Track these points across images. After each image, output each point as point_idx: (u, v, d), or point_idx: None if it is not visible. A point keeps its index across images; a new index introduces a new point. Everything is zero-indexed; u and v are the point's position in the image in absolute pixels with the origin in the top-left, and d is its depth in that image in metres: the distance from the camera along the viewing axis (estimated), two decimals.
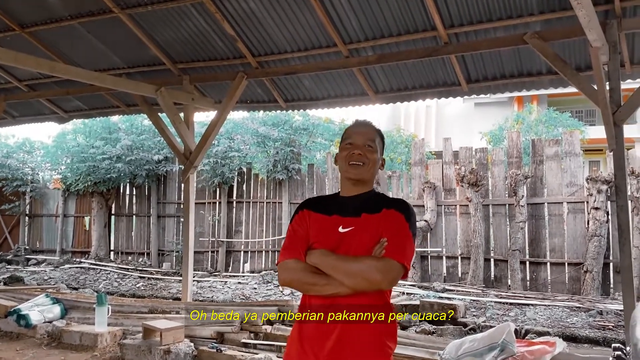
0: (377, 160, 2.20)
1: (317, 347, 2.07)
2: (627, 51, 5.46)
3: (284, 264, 2.14)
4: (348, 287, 2.02)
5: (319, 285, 2.06)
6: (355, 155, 2.16)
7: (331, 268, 2.05)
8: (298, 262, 2.12)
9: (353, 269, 2.02)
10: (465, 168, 9.77)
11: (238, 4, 5.97)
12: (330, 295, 2.05)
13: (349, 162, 2.17)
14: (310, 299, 2.13)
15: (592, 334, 6.67)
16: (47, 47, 7.48)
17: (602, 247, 8.58)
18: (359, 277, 2.01)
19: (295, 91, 7.40)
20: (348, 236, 2.11)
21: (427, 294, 8.58)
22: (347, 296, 2.04)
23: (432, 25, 5.67)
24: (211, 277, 11.12)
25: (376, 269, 2.00)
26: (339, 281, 2.03)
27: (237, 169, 12.14)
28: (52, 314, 6.40)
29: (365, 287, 2.03)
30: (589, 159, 18.44)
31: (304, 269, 2.09)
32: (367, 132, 2.22)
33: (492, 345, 4.29)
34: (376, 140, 2.22)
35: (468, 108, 23.77)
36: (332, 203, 2.24)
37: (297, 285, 2.15)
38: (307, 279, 2.08)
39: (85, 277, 11.46)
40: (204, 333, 5.64)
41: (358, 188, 2.21)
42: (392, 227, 2.08)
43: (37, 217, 14.69)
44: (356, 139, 2.19)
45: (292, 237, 2.19)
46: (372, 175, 2.21)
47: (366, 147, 2.18)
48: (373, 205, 2.16)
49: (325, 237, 2.13)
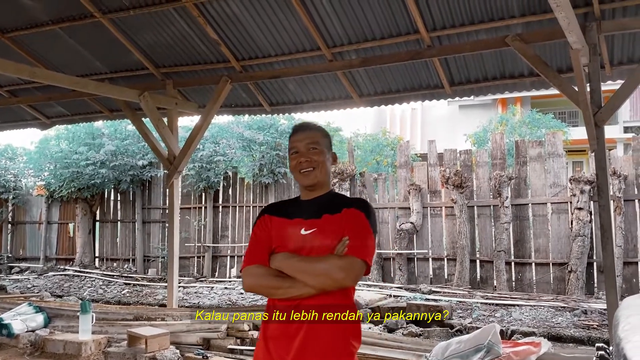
0: (325, 160, 2.23)
1: (282, 348, 2.09)
2: (606, 53, 5.54)
3: (247, 270, 2.15)
4: (312, 287, 2.04)
5: (283, 288, 2.07)
6: (303, 163, 2.20)
7: (294, 270, 2.07)
8: (261, 267, 2.13)
9: (316, 269, 2.04)
10: (450, 170, 9.83)
11: (221, 8, 5.95)
12: (294, 297, 2.07)
13: (299, 170, 2.21)
14: (275, 301, 2.15)
15: (576, 334, 6.73)
16: (28, 53, 7.39)
17: (585, 247, 8.67)
18: (322, 277, 2.03)
19: (280, 95, 7.39)
20: (310, 238, 2.13)
21: (414, 296, 8.60)
22: (311, 297, 2.05)
23: (415, 29, 5.70)
24: (197, 282, 11.05)
25: (339, 267, 2.02)
26: (302, 283, 2.05)
27: (222, 173, 12.09)
28: (35, 323, 6.30)
29: (329, 286, 2.05)
30: (572, 159, 18.65)
31: (267, 274, 2.11)
32: (308, 135, 2.24)
33: (478, 346, 4.30)
34: (320, 140, 2.25)
35: (453, 110, 23.93)
36: (293, 207, 2.27)
37: (261, 290, 2.19)
38: (270, 283, 2.09)
39: (70, 284, 11.32)
40: (190, 339, 5.59)
41: (316, 191, 2.24)
42: (353, 226, 2.11)
43: (20, 224, 14.50)
44: (299, 146, 2.22)
45: (254, 243, 2.21)
46: (325, 175, 2.25)
47: (311, 150, 2.21)
48: (333, 205, 2.19)
49: (288, 240, 2.15)
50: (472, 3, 5.30)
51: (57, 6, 6.41)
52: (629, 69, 5.63)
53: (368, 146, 16.99)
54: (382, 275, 10.31)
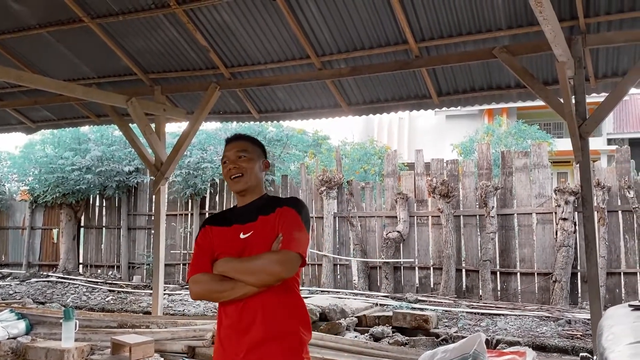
0: (254, 166, 2.34)
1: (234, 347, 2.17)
2: (591, 66, 5.62)
3: (192, 278, 2.24)
4: (253, 285, 2.14)
5: (227, 290, 2.17)
6: (231, 170, 2.32)
7: (235, 271, 2.17)
8: (205, 274, 2.23)
9: (254, 267, 2.14)
10: (436, 179, 9.89)
11: (211, 14, 5.96)
12: (240, 297, 2.16)
13: (230, 177, 2.33)
14: (225, 307, 2.23)
15: (561, 343, 6.78)
16: (14, 56, 7.32)
17: (570, 257, 8.76)
18: (260, 273, 2.13)
19: (268, 102, 7.39)
20: (249, 240, 2.24)
21: (400, 305, 8.61)
22: (255, 295, 2.15)
23: (403, 39, 5.75)
24: (183, 290, 10.96)
25: (274, 261, 2.13)
26: (243, 282, 2.14)
27: (209, 180, 12.03)
28: (17, 330, 6.20)
29: (268, 281, 2.14)
30: (557, 170, 18.87)
31: (211, 279, 2.21)
32: (236, 144, 2.36)
33: (463, 356, 4.30)
34: (249, 148, 2.36)
35: (440, 120, 24.13)
36: (231, 215, 2.38)
37: (207, 295, 2.28)
38: (215, 287, 2.20)
39: (53, 291, 11.18)
40: (175, 347, 5.54)
41: (249, 196, 2.35)
42: (286, 222, 2.22)
43: (3, 229, 14.30)
44: (229, 155, 2.35)
45: (198, 253, 2.31)
46: (256, 180, 2.35)
47: (239, 158, 2.32)
48: (267, 207, 2.30)
49: (229, 246, 2.25)
50: (459, 14, 5.36)
51: (45, 10, 6.36)
52: (613, 82, 5.72)
53: (356, 155, 17.04)
54: (369, 284, 10.31)
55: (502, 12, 5.24)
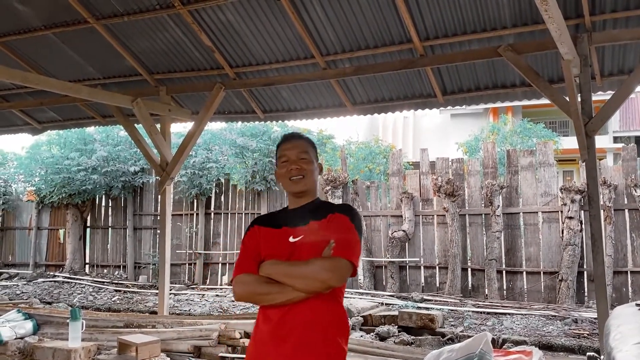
0: (314, 169, 2.31)
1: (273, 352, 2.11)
2: (597, 64, 5.60)
3: (237, 278, 2.20)
4: (301, 290, 2.08)
5: (272, 294, 2.11)
6: (293, 170, 2.27)
7: (282, 275, 2.11)
8: (250, 275, 2.18)
9: (303, 272, 2.08)
10: (442, 178, 9.87)
11: (215, 15, 5.97)
12: (285, 303, 2.10)
13: (289, 178, 2.28)
14: (266, 310, 2.18)
15: (567, 343, 6.75)
16: (20, 58, 7.36)
17: (576, 256, 8.72)
18: (309, 279, 2.07)
19: (273, 102, 7.40)
20: (299, 245, 2.18)
21: (406, 304, 8.60)
22: (301, 301, 2.09)
23: (407, 38, 5.74)
24: (188, 289, 10.99)
25: (325, 268, 2.06)
26: (291, 287, 2.08)
27: (215, 180, 12.06)
28: (24, 330, 6.23)
29: (317, 288, 2.08)
30: (562, 169, 18.78)
31: (256, 281, 2.15)
32: (298, 144, 2.32)
33: (469, 355, 4.29)
34: (309, 150, 2.33)
35: (444, 119, 24.07)
36: (281, 217, 2.34)
37: (251, 297, 2.23)
38: (260, 289, 2.14)
39: (60, 291, 11.22)
40: (181, 347, 5.55)
41: (303, 199, 2.31)
42: (338, 229, 2.17)
43: (10, 230, 14.37)
44: (289, 155, 2.29)
45: (244, 253, 2.26)
46: (314, 184, 2.32)
47: (301, 160, 2.28)
48: (319, 212, 2.26)
49: (277, 249, 2.20)
50: (464, 13, 5.35)
51: (50, 12, 6.38)
52: (619, 80, 5.70)
53: (360, 154, 17.03)
54: (374, 284, 10.31)
55: (507, 11, 5.22)
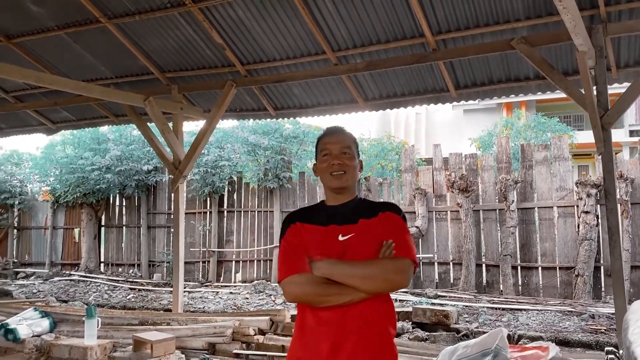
0: (355, 165, 2.22)
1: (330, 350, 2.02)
2: (613, 55, 5.51)
3: (290, 279, 2.08)
4: (366, 291, 2.01)
5: (333, 295, 2.02)
6: (335, 165, 2.18)
7: (345, 276, 2.02)
8: (303, 275, 2.06)
9: (370, 273, 2.03)
10: (455, 174, 9.80)
11: (226, 12, 5.97)
12: (346, 304, 2.02)
13: (331, 172, 2.18)
14: (319, 311, 2.06)
15: (584, 338, 6.68)
16: (34, 58, 7.42)
17: (592, 250, 8.61)
18: (377, 280, 2.02)
19: (284, 99, 7.39)
20: (349, 243, 2.09)
21: (420, 301, 8.56)
22: (359, 302, 2.02)
23: (419, 32, 5.69)
24: (202, 287, 11.05)
25: (393, 269, 2.04)
26: (352, 288, 2.01)
27: (227, 178, 12.09)
28: (41, 328, 6.29)
29: (384, 289, 2.07)
30: (577, 163, 18.59)
31: (313, 282, 2.04)
32: (341, 139, 2.24)
33: (485, 351, 4.26)
34: (351, 146, 2.24)
35: (457, 115, 23.90)
36: (322, 213, 2.21)
37: (310, 299, 2.07)
38: (319, 290, 2.03)
39: (75, 289, 11.34)
40: (195, 344, 5.58)
41: (343, 196, 2.22)
42: (394, 229, 2.13)
43: (26, 229, 14.54)
44: (332, 149, 2.21)
45: (289, 251, 2.14)
46: (354, 180, 2.24)
47: (343, 155, 2.20)
48: (366, 210, 2.18)
49: (327, 247, 2.09)
50: (477, 6, 5.29)
51: (62, 12, 6.43)
52: (636, 72, 5.61)
53: (373, 151, 16.98)
54: None
55: (521, 2, 5.16)
